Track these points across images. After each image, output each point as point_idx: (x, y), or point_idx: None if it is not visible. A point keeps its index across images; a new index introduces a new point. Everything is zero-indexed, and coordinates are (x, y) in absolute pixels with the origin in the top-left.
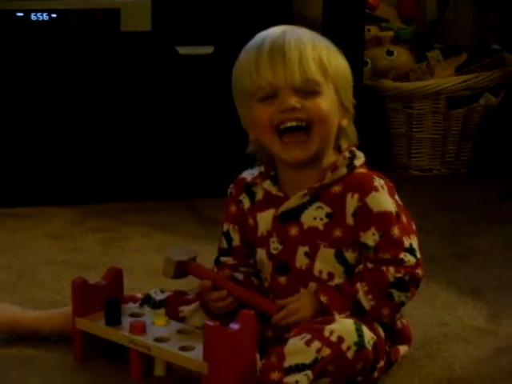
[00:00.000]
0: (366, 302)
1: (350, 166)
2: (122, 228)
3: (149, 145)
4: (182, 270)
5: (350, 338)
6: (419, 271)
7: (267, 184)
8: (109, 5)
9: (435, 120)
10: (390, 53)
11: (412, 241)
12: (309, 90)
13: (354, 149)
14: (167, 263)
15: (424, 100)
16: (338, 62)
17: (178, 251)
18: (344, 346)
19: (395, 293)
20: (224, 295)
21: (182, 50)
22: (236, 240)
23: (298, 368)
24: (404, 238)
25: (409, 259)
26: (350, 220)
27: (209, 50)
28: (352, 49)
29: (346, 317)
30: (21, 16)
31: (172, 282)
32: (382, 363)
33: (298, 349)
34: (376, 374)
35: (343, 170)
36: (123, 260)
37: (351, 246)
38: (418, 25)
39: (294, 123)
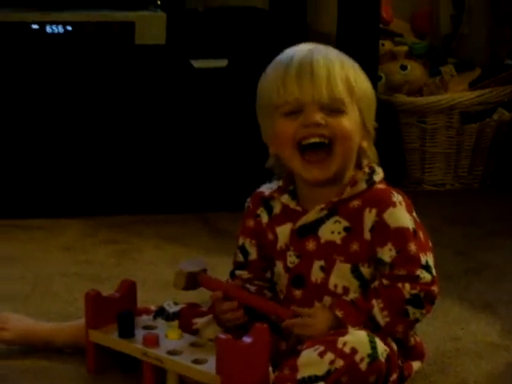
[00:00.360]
0: (381, 319)
1: (370, 182)
2: (135, 240)
3: (163, 157)
4: (192, 281)
5: (364, 350)
6: (435, 288)
7: (285, 198)
8: (124, 18)
9: (449, 135)
10: (403, 67)
11: (428, 258)
12: (334, 109)
13: (373, 165)
14: (178, 275)
15: (438, 115)
16: (363, 84)
17: (190, 263)
18: (357, 358)
19: (410, 309)
20: (234, 306)
21: (197, 64)
22: (253, 254)
23: (312, 380)
24: (421, 255)
25: (425, 276)
26: (367, 235)
27: (223, 63)
28: (366, 63)
29: (360, 329)
30: (36, 28)
31: (185, 294)
32: (394, 376)
33: (312, 360)
34: None
35: (362, 186)
36: (136, 272)
37: (367, 261)
38: (431, 39)
39: (317, 139)
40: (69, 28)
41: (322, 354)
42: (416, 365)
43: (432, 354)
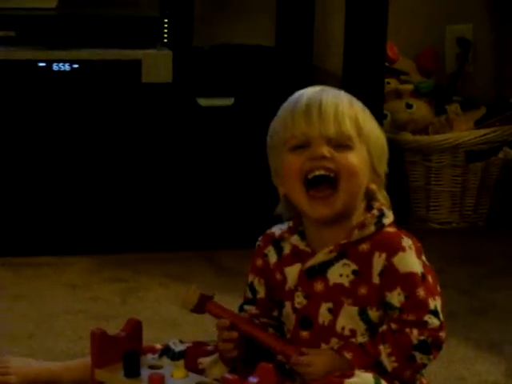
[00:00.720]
0: (389, 364)
1: (379, 225)
2: (140, 278)
3: (168, 196)
4: (202, 304)
5: None
6: (442, 334)
7: (295, 239)
8: (130, 56)
9: (454, 173)
10: (409, 106)
11: (437, 303)
12: (341, 144)
13: (383, 207)
14: (190, 294)
15: (443, 153)
16: (372, 127)
17: (200, 286)
18: None
19: (418, 355)
20: (234, 337)
21: (203, 102)
22: (261, 292)
23: None
24: (429, 300)
25: (433, 321)
26: (376, 279)
27: (229, 101)
28: (372, 101)
29: (366, 371)
30: (43, 66)
31: (190, 332)
32: None
33: None
34: None
35: (371, 229)
36: (141, 310)
37: (375, 305)
38: (437, 78)
39: (323, 171)
40: (75, 66)
41: None
42: None
43: None
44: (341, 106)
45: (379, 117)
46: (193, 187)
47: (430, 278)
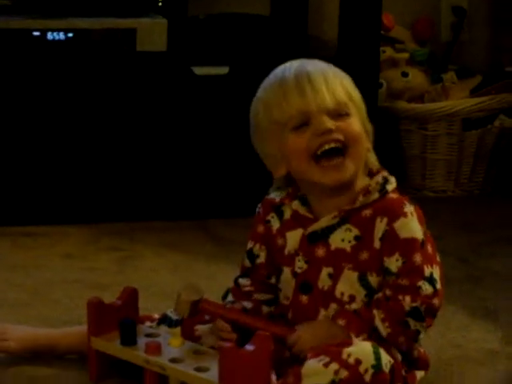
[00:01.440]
0: (383, 329)
1: (382, 191)
2: (136, 247)
3: (163, 164)
4: (195, 308)
5: (368, 361)
6: (436, 301)
7: (295, 204)
8: (125, 25)
9: (450, 141)
10: (405, 74)
11: (433, 270)
12: (340, 112)
13: (386, 174)
14: (181, 304)
15: (439, 122)
16: (355, 89)
17: (188, 290)
18: (361, 369)
19: (411, 321)
20: (234, 338)
21: (198, 71)
22: (261, 257)
23: None
24: (425, 266)
25: (426, 288)
26: (377, 244)
27: (224, 70)
28: (367, 70)
29: (364, 340)
30: (37, 35)
31: None
32: None
33: (316, 370)
34: None
35: (375, 195)
36: (137, 279)
37: (376, 270)
38: (432, 46)
39: (333, 144)
40: (70, 35)
41: (326, 364)
42: (420, 374)
43: (433, 360)
44: (328, 77)
45: (375, 86)
46: (188, 156)
47: (429, 247)
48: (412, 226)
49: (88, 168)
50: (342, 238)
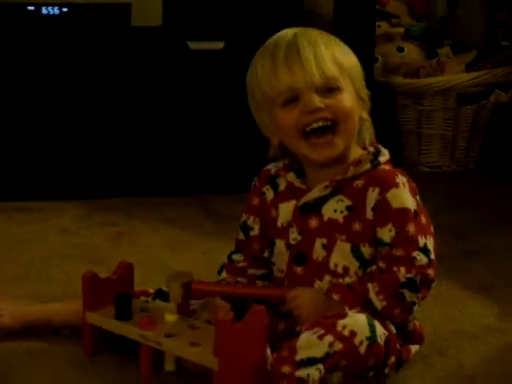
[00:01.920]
0: (378, 302)
1: (375, 162)
2: (131, 223)
3: (159, 140)
4: (187, 292)
5: (363, 333)
6: (431, 272)
7: (290, 176)
8: None
9: (445, 116)
10: (400, 49)
11: (427, 241)
12: (330, 87)
13: (379, 146)
14: (173, 289)
15: (434, 96)
16: (350, 56)
17: (178, 275)
18: (356, 341)
19: (407, 293)
20: (226, 307)
21: (193, 45)
22: (255, 229)
23: (310, 361)
24: (419, 237)
25: (421, 258)
26: (369, 214)
27: (220, 45)
28: (363, 45)
29: (359, 312)
30: (32, 10)
31: None
32: (393, 359)
33: (311, 343)
34: (387, 370)
35: (367, 165)
36: (132, 254)
37: (368, 241)
38: (428, 21)
39: (321, 123)
40: (65, 10)
41: (321, 337)
42: (414, 348)
43: (429, 335)
44: (318, 50)
45: (370, 60)
46: (184, 131)
47: (422, 217)
48: (404, 196)
49: (84, 143)
50: (335, 209)
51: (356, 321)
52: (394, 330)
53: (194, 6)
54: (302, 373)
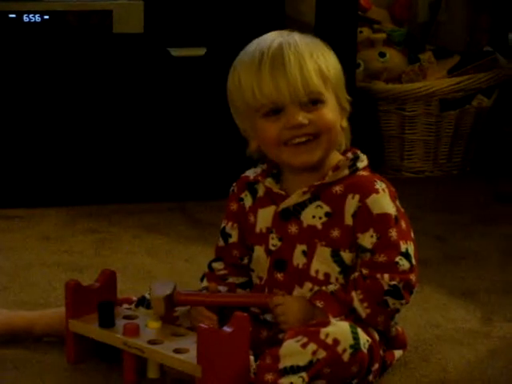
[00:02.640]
0: (362, 310)
1: (353, 168)
2: (113, 230)
3: (140, 147)
4: (170, 303)
5: (346, 341)
6: (413, 277)
7: (268, 181)
8: (101, 6)
9: (428, 122)
10: (382, 55)
11: (409, 246)
12: (313, 101)
13: (357, 151)
14: (156, 302)
15: (416, 102)
16: (333, 65)
17: (160, 286)
18: (340, 349)
19: (390, 300)
20: (214, 319)
21: (175, 52)
22: (234, 236)
23: (293, 370)
24: (401, 242)
25: (403, 263)
26: (349, 220)
27: (201, 51)
28: (344, 51)
29: (341, 320)
30: (13, 17)
31: None
32: (376, 366)
33: (294, 351)
34: (371, 377)
35: (345, 171)
36: (114, 262)
37: (348, 247)
38: (409, 26)
39: (304, 138)
40: (46, 17)
41: (304, 345)
42: (398, 353)
43: (412, 340)
44: (304, 63)
45: (352, 66)
46: (165, 138)
47: (403, 223)
48: (384, 202)
49: (64, 150)
50: (313, 215)
51: (339, 329)
52: (377, 337)
53: (175, 12)
54: (285, 381)
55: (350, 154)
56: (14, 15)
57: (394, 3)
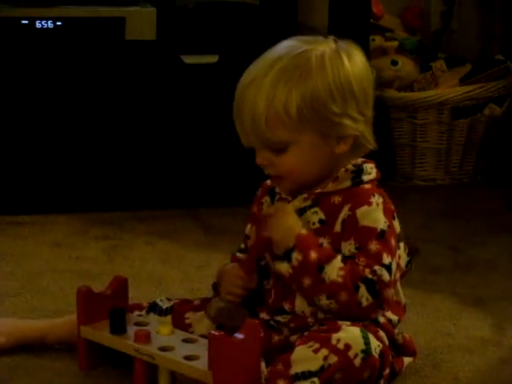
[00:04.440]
0: (336, 274)
1: (356, 180)
2: (126, 236)
3: (153, 153)
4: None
5: (357, 346)
6: (389, 292)
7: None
8: (114, 13)
9: (439, 130)
10: (394, 63)
11: (392, 262)
12: (275, 148)
13: (366, 163)
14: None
15: (428, 110)
16: (314, 89)
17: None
18: (351, 354)
19: (362, 288)
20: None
21: (187, 59)
22: (252, 239)
23: (305, 376)
24: (384, 254)
25: (383, 273)
26: (338, 228)
27: (214, 58)
28: None
29: (352, 325)
30: (26, 23)
31: (176, 290)
32: (387, 371)
33: (305, 356)
34: (382, 382)
35: (346, 183)
36: (126, 268)
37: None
38: (422, 35)
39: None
40: (59, 23)
41: (316, 351)
42: (407, 360)
43: (423, 348)
44: (257, 108)
45: None
46: (177, 145)
47: (392, 240)
48: (374, 215)
49: (77, 157)
50: (308, 221)
51: (350, 334)
52: (386, 342)
53: (188, 19)
54: None
55: (350, 166)
56: (26, 21)
57: (407, 11)
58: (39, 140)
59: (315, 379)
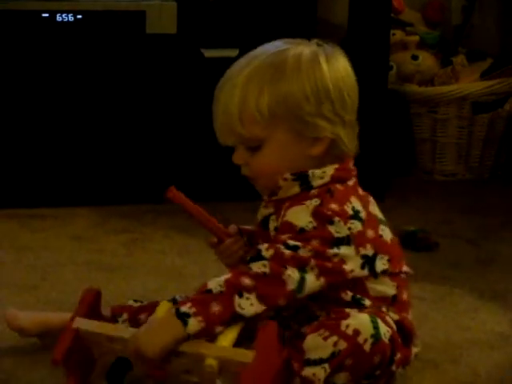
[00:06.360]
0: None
1: (303, 186)
2: (145, 230)
3: (173, 147)
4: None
5: (366, 331)
6: (286, 272)
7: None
8: (134, 7)
9: (460, 125)
10: (415, 57)
11: (302, 248)
12: (250, 146)
13: (311, 171)
14: None
15: (449, 105)
16: (287, 87)
17: None
18: (360, 339)
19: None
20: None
21: (207, 53)
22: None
23: (316, 362)
24: (290, 240)
25: (284, 251)
26: None
27: (234, 52)
28: (377, 53)
29: (360, 311)
30: (46, 17)
31: (194, 283)
32: (399, 355)
33: (316, 344)
34: (394, 367)
35: (295, 189)
36: (145, 262)
37: None
38: (442, 29)
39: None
40: (79, 17)
41: (325, 338)
42: (415, 350)
43: (442, 343)
44: (230, 108)
45: (385, 68)
46: (198, 140)
47: (314, 241)
48: (299, 213)
49: (97, 150)
50: (270, 228)
51: (359, 320)
52: (394, 327)
53: (208, 13)
54: (307, 372)
55: (288, 175)
56: (47, 14)
57: (427, 6)
58: (60, 134)
59: (326, 365)
